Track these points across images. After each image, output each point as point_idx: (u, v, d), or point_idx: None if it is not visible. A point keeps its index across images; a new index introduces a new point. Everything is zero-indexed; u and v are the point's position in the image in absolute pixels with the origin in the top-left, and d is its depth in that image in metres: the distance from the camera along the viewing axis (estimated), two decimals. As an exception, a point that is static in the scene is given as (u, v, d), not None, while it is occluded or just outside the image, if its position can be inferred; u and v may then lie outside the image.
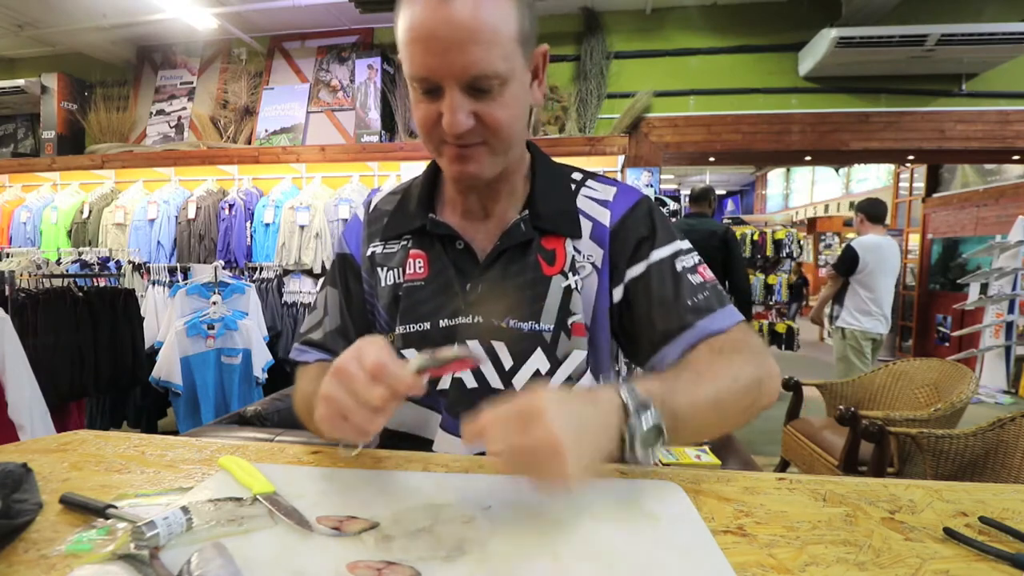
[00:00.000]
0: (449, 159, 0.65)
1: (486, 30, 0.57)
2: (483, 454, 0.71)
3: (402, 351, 0.72)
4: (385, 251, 0.77)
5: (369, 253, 0.78)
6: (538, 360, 0.69)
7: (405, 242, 0.76)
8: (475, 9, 0.56)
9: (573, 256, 0.71)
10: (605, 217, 0.73)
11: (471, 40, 0.56)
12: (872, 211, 3.39)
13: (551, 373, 0.70)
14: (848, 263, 3.30)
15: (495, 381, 0.70)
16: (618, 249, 0.72)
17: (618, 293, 0.71)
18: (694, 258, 0.72)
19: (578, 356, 0.70)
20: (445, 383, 0.71)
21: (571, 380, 0.70)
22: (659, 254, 0.70)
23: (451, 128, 0.60)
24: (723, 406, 0.58)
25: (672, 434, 0.53)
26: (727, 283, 3.35)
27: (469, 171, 0.65)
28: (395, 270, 0.75)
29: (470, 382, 0.70)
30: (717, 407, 0.58)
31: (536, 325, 0.69)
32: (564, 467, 0.44)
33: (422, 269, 0.73)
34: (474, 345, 0.70)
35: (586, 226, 0.73)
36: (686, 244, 0.73)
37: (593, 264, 0.72)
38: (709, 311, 0.67)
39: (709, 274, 0.71)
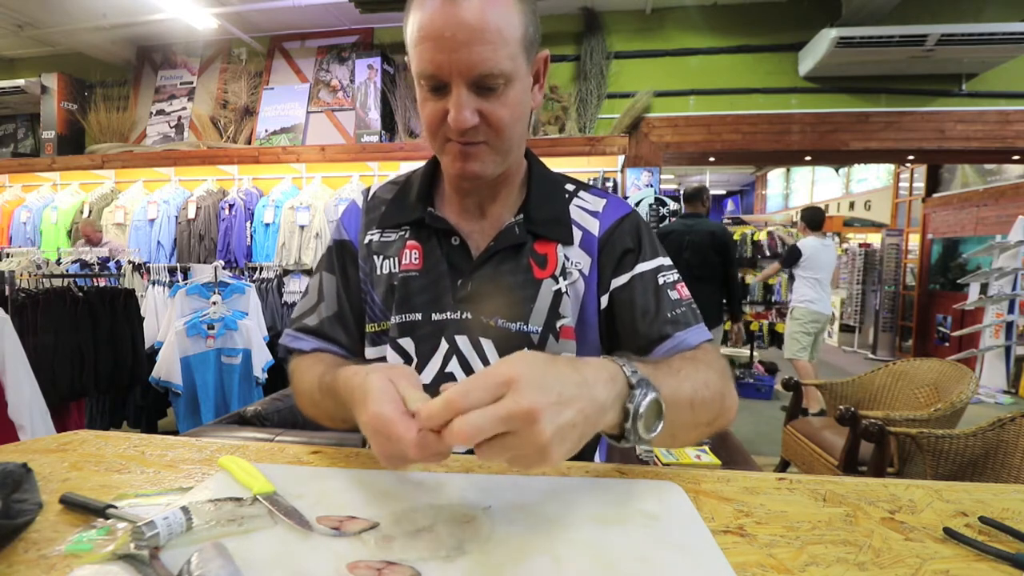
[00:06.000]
0: (452, 157, 0.67)
1: (492, 30, 0.59)
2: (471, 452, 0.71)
3: (398, 340, 0.73)
4: (382, 240, 0.78)
5: (367, 240, 0.79)
6: None
7: (403, 232, 0.77)
8: (483, 11, 0.58)
9: (563, 262, 0.73)
10: (594, 227, 0.76)
11: (478, 40, 0.59)
12: (812, 219, 3.97)
13: None
14: (792, 258, 3.98)
15: None
16: (605, 260, 0.74)
17: (604, 301, 0.74)
18: (674, 275, 0.75)
19: None
20: (428, 377, 0.71)
21: None
22: (643, 267, 0.74)
23: (456, 124, 0.61)
24: (695, 406, 0.58)
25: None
26: (726, 283, 3.35)
27: (471, 169, 0.67)
28: (391, 259, 0.76)
29: (460, 377, 0.71)
30: (691, 405, 0.58)
31: (525, 326, 0.70)
32: (541, 437, 0.39)
33: (417, 260, 0.74)
34: (463, 341, 0.71)
35: (576, 235, 0.75)
36: (668, 261, 0.76)
37: (580, 271, 0.74)
38: (687, 325, 0.71)
39: (685, 292, 0.75)
